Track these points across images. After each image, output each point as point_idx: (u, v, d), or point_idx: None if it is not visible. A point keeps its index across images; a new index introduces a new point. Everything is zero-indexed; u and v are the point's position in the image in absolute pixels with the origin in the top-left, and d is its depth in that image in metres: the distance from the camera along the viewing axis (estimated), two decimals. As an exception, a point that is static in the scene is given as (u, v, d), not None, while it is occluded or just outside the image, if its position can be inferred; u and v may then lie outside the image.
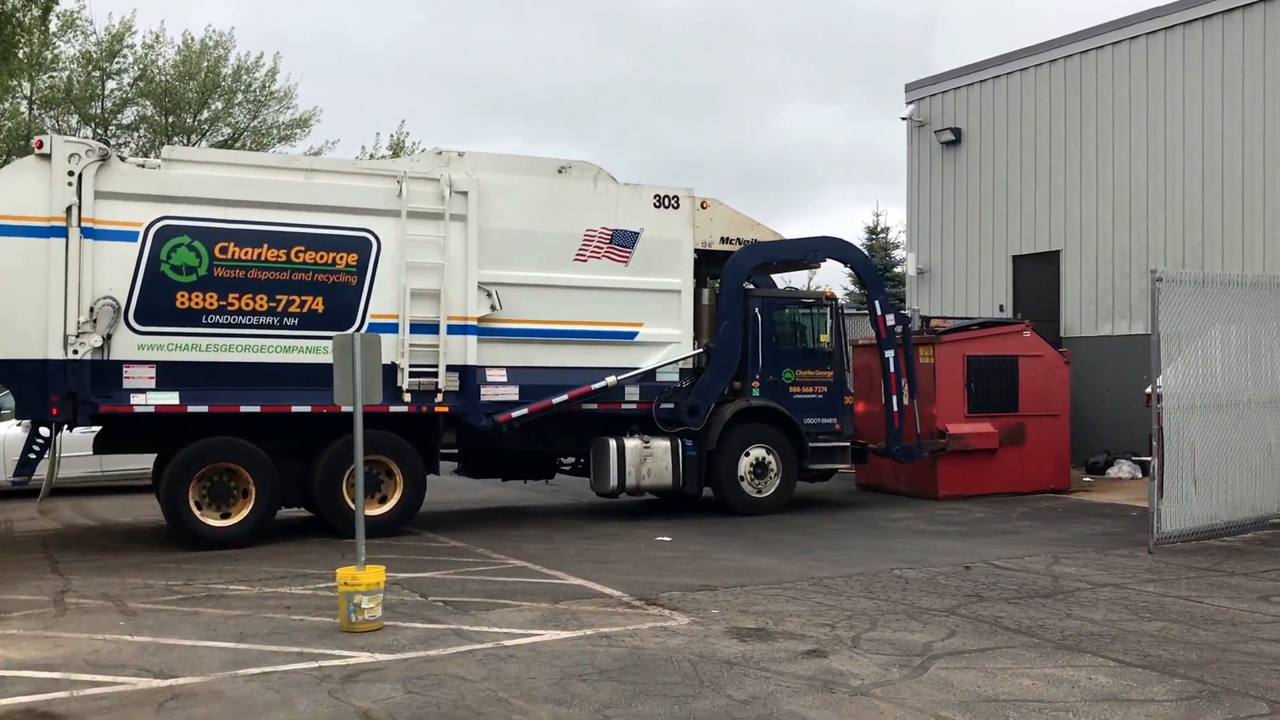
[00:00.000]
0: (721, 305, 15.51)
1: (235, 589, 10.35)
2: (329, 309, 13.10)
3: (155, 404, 12.37)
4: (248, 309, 12.75)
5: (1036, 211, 22.88)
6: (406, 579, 10.61)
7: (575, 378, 14.38)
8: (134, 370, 12.30)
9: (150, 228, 12.40)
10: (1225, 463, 13.10)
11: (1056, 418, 18.08)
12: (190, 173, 12.76)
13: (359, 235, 13.30)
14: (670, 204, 15.05)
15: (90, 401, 12.09)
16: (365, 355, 9.10)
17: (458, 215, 13.73)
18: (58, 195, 11.94)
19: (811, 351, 16.04)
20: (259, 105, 42.33)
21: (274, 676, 7.37)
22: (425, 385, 13.48)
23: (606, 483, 14.79)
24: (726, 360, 15.33)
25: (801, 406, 15.83)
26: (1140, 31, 20.97)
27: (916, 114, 25.59)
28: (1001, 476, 17.70)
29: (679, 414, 14.97)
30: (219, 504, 12.82)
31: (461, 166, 13.95)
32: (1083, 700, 6.92)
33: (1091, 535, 13.84)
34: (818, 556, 12.22)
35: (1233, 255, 19.21)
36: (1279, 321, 13.80)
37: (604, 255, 14.63)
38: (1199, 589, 10.45)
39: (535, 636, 8.45)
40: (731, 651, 8.02)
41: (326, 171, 13.58)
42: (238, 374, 12.65)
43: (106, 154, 12.29)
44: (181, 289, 12.49)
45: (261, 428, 12.94)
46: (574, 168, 14.70)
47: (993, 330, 18.53)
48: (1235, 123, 19.44)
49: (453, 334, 13.62)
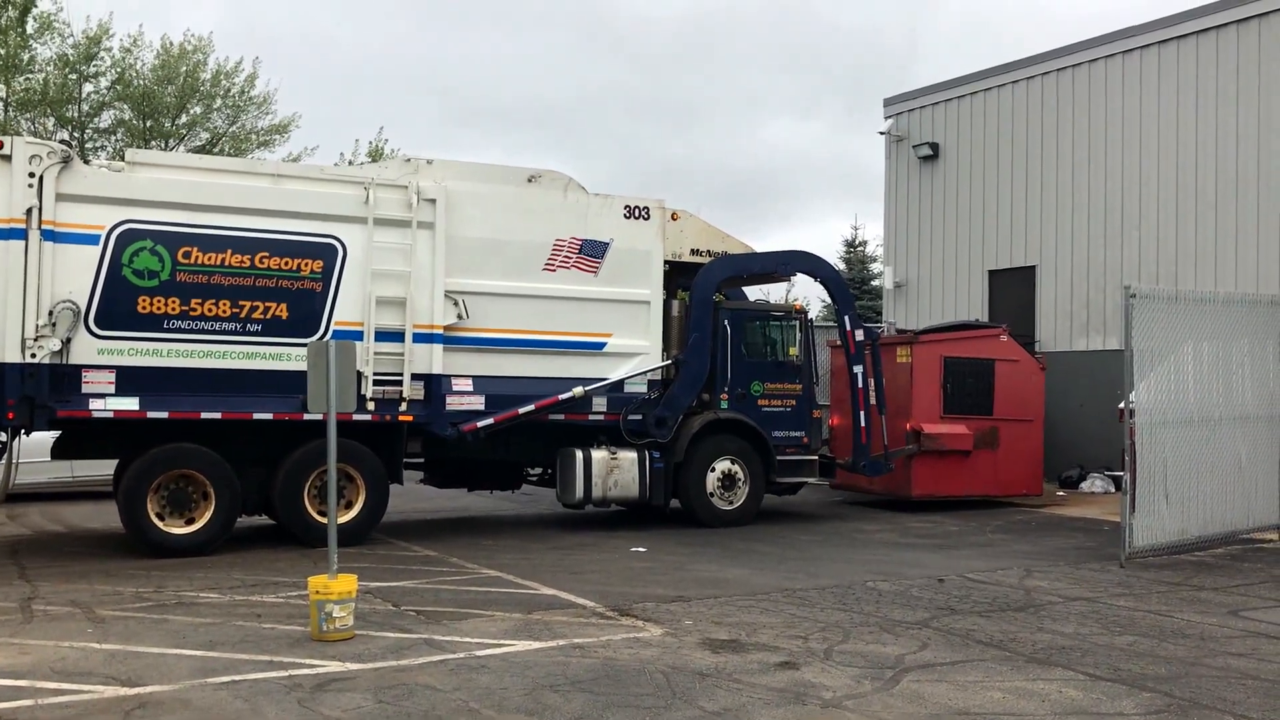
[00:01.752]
0: (691, 317, 15.44)
1: (206, 597, 10.27)
2: (293, 315, 12.94)
3: (114, 409, 12.17)
4: (210, 314, 12.60)
5: (1013, 227, 23.04)
6: (379, 588, 10.56)
7: (543, 388, 14.28)
8: (93, 375, 12.11)
9: (112, 231, 12.24)
10: (1197, 478, 13.21)
11: (1031, 423, 18.17)
12: (154, 176, 12.63)
13: (325, 241, 13.17)
14: (641, 215, 15.01)
15: (48, 406, 11.88)
16: (339, 362, 9.06)
17: (425, 223, 13.62)
18: (18, 197, 11.75)
19: (780, 365, 16.07)
20: (238, 110, 42.14)
21: (243, 685, 7.31)
22: (390, 394, 13.34)
23: (573, 494, 14.70)
24: (695, 372, 15.31)
25: (769, 419, 15.83)
26: (1116, 50, 21.17)
27: (895, 128, 25.74)
28: (975, 479, 17.76)
29: (647, 425, 14.93)
30: (178, 511, 12.66)
31: (430, 174, 13.86)
32: (1052, 713, 6.94)
33: (1064, 549, 13.91)
34: (791, 568, 12.24)
35: (1205, 272, 19.40)
36: (1250, 338, 13.93)
37: (573, 265, 14.56)
38: (1169, 603, 10.52)
39: (507, 647, 8.42)
40: (704, 663, 8.01)
41: (293, 177, 13.50)
42: (199, 380, 12.50)
43: (69, 156, 12.14)
44: (143, 293, 12.35)
45: (223, 434, 12.79)
46: (544, 177, 14.62)
47: (970, 333, 18.63)
48: (1209, 141, 19.65)
49: (418, 342, 13.50)
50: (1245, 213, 19.07)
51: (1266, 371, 14.09)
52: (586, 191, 14.84)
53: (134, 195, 12.40)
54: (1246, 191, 19.08)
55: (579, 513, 17.01)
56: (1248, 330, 13.93)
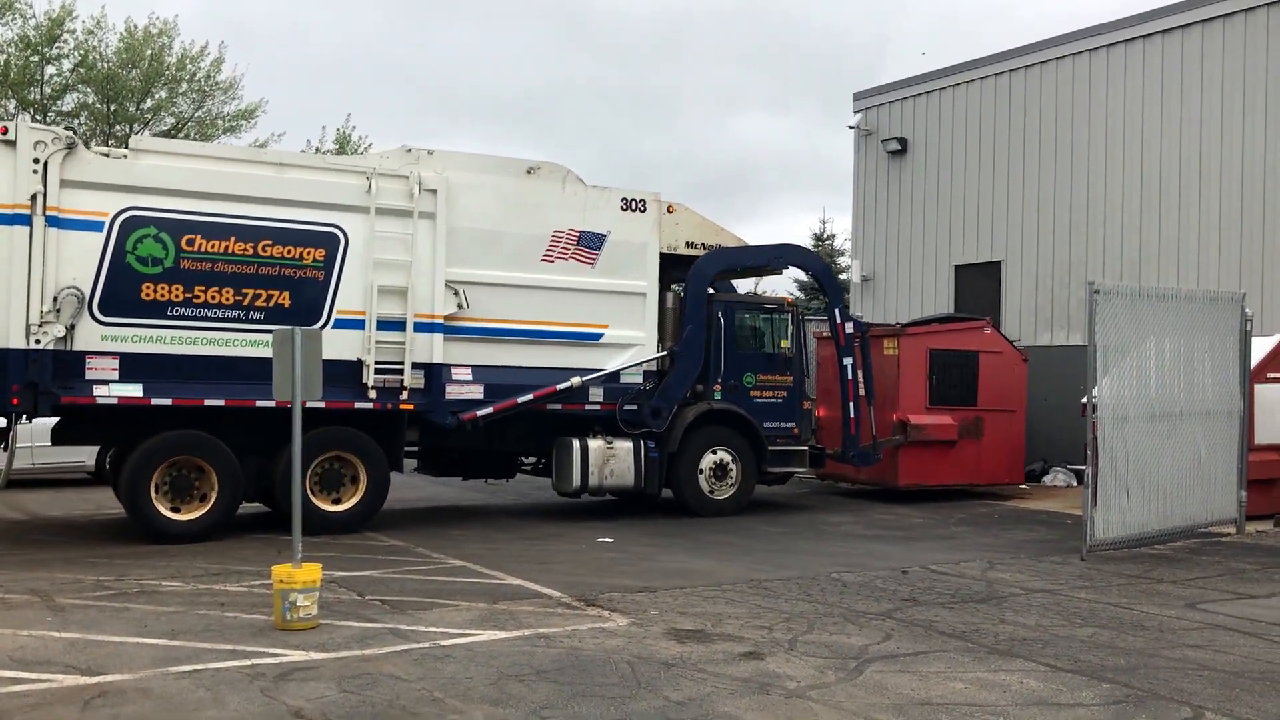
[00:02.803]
0: (686, 309, 15.64)
1: (168, 585, 10.18)
2: (295, 304, 13.02)
3: (118, 396, 12.22)
4: (213, 302, 12.65)
5: (979, 222, 23.20)
6: (344, 577, 10.51)
7: (540, 378, 14.44)
8: (97, 361, 12.16)
9: (116, 218, 12.27)
10: (1157, 473, 13.35)
11: (1013, 413, 18.44)
12: (158, 163, 12.64)
13: (327, 230, 13.25)
14: (637, 207, 15.18)
15: (52, 392, 11.93)
16: (305, 350, 9.00)
17: (426, 213, 13.72)
18: (22, 182, 11.77)
19: (772, 357, 16.28)
20: (204, 95, 41.71)
21: (205, 674, 7.26)
22: (390, 383, 13.45)
23: (570, 483, 14.82)
24: (690, 364, 15.50)
25: (761, 410, 16.05)
26: (1083, 48, 21.35)
27: (864, 123, 25.84)
28: (960, 469, 18.09)
29: (642, 416, 15.10)
30: (180, 497, 12.71)
31: (431, 164, 13.95)
32: (1013, 704, 7.01)
33: (1026, 542, 14.05)
34: (758, 559, 12.29)
35: (1169, 268, 19.62)
36: (1211, 334, 14.09)
37: (571, 257, 14.72)
38: (1129, 595, 10.64)
39: (473, 636, 8.40)
40: (669, 653, 8.04)
41: (296, 166, 13.56)
42: (202, 367, 12.54)
43: (73, 142, 12.14)
44: (147, 280, 12.38)
45: (223, 422, 12.81)
46: (543, 169, 14.74)
47: (955, 325, 18.94)
48: (1172, 139, 19.85)
49: (419, 332, 13.61)
50: (1208, 210, 19.30)
51: (1226, 367, 14.26)
52: (584, 184, 14.96)
53: (137, 182, 12.41)
54: (1209, 189, 19.30)
55: (546, 502, 17.06)
56: (1208, 326, 14.09)
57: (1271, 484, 15.70)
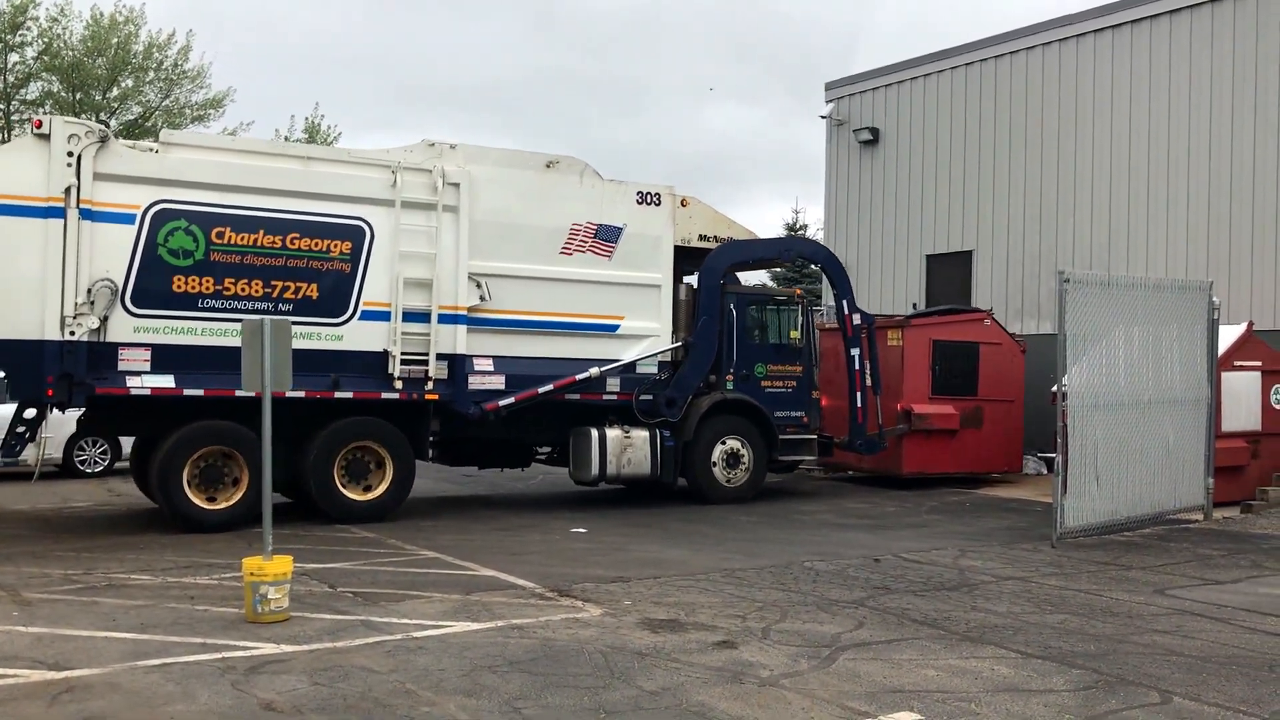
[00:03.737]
0: (699, 301, 15.95)
1: (137, 578, 10.09)
2: (323, 296, 13.23)
3: (151, 387, 12.35)
4: (243, 294, 12.85)
5: (950, 212, 23.30)
6: (315, 569, 10.44)
7: (558, 368, 14.70)
8: (129, 353, 12.31)
9: (148, 211, 12.42)
10: (1126, 460, 13.47)
11: (1012, 403, 18.65)
12: (188, 157, 12.79)
13: (353, 223, 13.46)
14: (652, 201, 15.46)
15: (86, 383, 12.06)
16: (275, 341, 8.92)
17: (450, 206, 13.93)
18: (56, 176, 11.92)
19: (782, 347, 16.63)
20: (171, 84, 41.29)
21: (175, 668, 7.19)
22: (415, 373, 13.69)
23: (588, 471, 15.10)
24: (704, 354, 15.83)
25: (772, 400, 16.39)
26: (1053, 38, 21.45)
27: (836, 113, 25.87)
28: (961, 457, 18.42)
29: (658, 405, 15.38)
30: (211, 487, 12.86)
31: (453, 158, 14.21)
32: (985, 691, 7.06)
33: (997, 530, 14.14)
34: (730, 549, 12.31)
35: (1137, 258, 19.77)
36: (1179, 323, 14.21)
37: (588, 249, 14.98)
38: (1098, 582, 10.73)
39: (445, 628, 8.37)
40: (643, 643, 8.03)
41: (322, 160, 13.73)
42: (233, 358, 12.51)
43: (106, 135, 12.32)
44: (178, 273, 12.54)
45: (250, 412, 12.75)
46: (561, 162, 15.02)
47: (957, 317, 19.26)
48: (1142, 130, 20.00)
49: (443, 323, 13.85)
50: (1176, 200, 19.46)
51: (1194, 356, 14.39)
52: (601, 177, 15.23)
53: (168, 175, 12.56)
54: (1177, 179, 19.46)
55: (518, 494, 17.08)
56: (1177, 315, 14.21)
57: (1238, 471, 15.88)
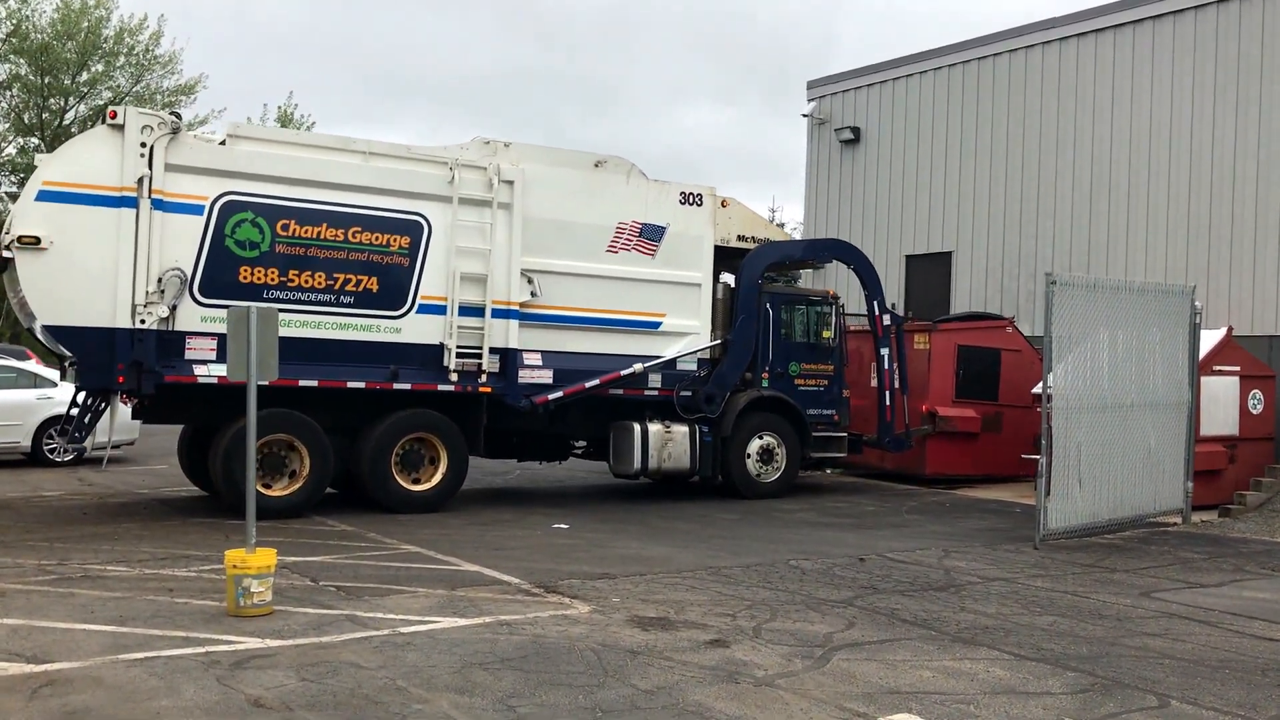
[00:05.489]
0: (738, 300, 16.26)
1: (113, 570, 9.87)
2: (383, 289, 13.48)
3: (218, 375, 12.42)
4: (306, 285, 13.08)
5: (930, 212, 23.32)
6: (295, 563, 10.26)
7: (603, 364, 14.99)
8: (196, 342, 12.52)
9: (216, 202, 12.62)
10: (1109, 463, 13.49)
11: (1030, 409, 18.63)
12: (254, 150, 12.96)
13: (412, 219, 13.71)
14: (694, 201, 15.77)
15: (156, 371, 12.21)
16: (261, 329, 8.74)
17: (504, 203, 14.19)
18: (129, 166, 12.12)
19: (815, 346, 16.95)
20: (142, 69, 40.82)
21: (158, 662, 7.01)
22: (469, 366, 13.96)
23: (630, 465, 15.34)
24: (742, 352, 16.15)
25: (805, 398, 16.72)
26: (1035, 41, 21.50)
27: (817, 112, 25.84)
28: (981, 460, 18.71)
29: (697, 401, 15.64)
30: (272, 475, 13.03)
31: (507, 156, 14.39)
32: (982, 693, 7.00)
33: (979, 530, 14.13)
34: (715, 546, 12.22)
35: (1116, 261, 19.84)
36: (1161, 327, 14.25)
37: (633, 248, 15.30)
38: (1084, 584, 10.72)
39: (433, 624, 8.23)
40: (634, 640, 7.92)
41: (382, 155, 13.79)
42: (296, 349, 12.77)
43: (178, 127, 12.50)
44: (244, 264, 12.76)
45: (308, 402, 13.15)
46: (609, 162, 15.26)
47: (981, 324, 19.56)
48: (1123, 133, 20.07)
49: (496, 318, 14.12)
50: (1155, 205, 19.55)
51: (1176, 359, 14.45)
52: (646, 177, 15.52)
53: (235, 168, 12.75)
54: (1157, 184, 19.55)
55: (497, 488, 16.96)
56: (1160, 319, 14.25)
57: (1215, 475, 15.96)
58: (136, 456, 19.45)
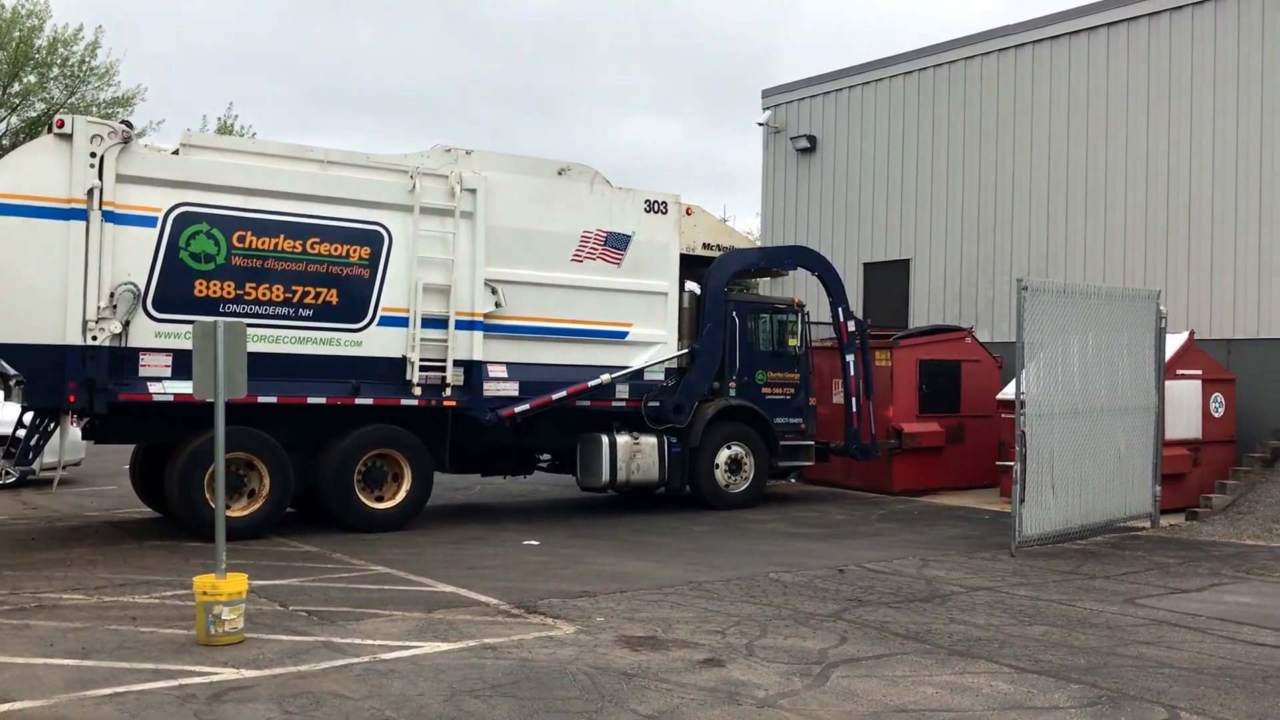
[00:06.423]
0: (705, 308, 16.09)
1: (70, 598, 9.40)
2: (343, 301, 13.15)
3: (174, 393, 12.09)
4: (264, 299, 12.71)
5: (888, 220, 23.29)
6: (261, 586, 9.85)
7: (569, 375, 14.71)
8: (150, 358, 12.11)
9: (169, 214, 12.22)
10: (1080, 468, 13.45)
11: (990, 418, 18.64)
12: (209, 159, 12.63)
13: (372, 229, 13.37)
14: (659, 209, 15.59)
15: (108, 389, 11.80)
16: (228, 344, 8.36)
17: (466, 212, 13.89)
18: (78, 177, 11.70)
19: (781, 355, 16.88)
20: (77, 81, 39.85)
21: (129, 697, 6.61)
22: (433, 379, 13.62)
23: (598, 477, 15.12)
24: (710, 361, 15.96)
25: (772, 407, 16.60)
26: (991, 49, 21.57)
27: (773, 120, 25.75)
28: (946, 473, 18.71)
29: (666, 411, 15.43)
30: (230, 494, 12.56)
31: (469, 164, 14.09)
32: (990, 709, 6.82)
33: (952, 538, 14.03)
34: (691, 560, 11.98)
35: (1075, 268, 19.91)
36: (1129, 332, 14.26)
37: (599, 257, 15.05)
38: (1067, 592, 10.63)
39: (414, 649, 7.89)
40: (626, 662, 7.65)
41: (341, 164, 13.44)
42: (254, 364, 12.31)
43: (129, 136, 12.05)
44: (200, 277, 12.38)
45: (269, 419, 12.73)
46: (573, 170, 15.01)
47: (940, 336, 19.47)
48: (1079, 139, 20.17)
49: (460, 329, 13.81)
50: (1114, 210, 19.64)
51: (1144, 364, 14.46)
52: (610, 185, 15.29)
53: (189, 178, 12.38)
54: (1115, 189, 19.65)
55: (459, 504, 16.64)
56: (1128, 324, 14.26)
57: (1180, 478, 16.03)
58: (83, 477, 18.80)
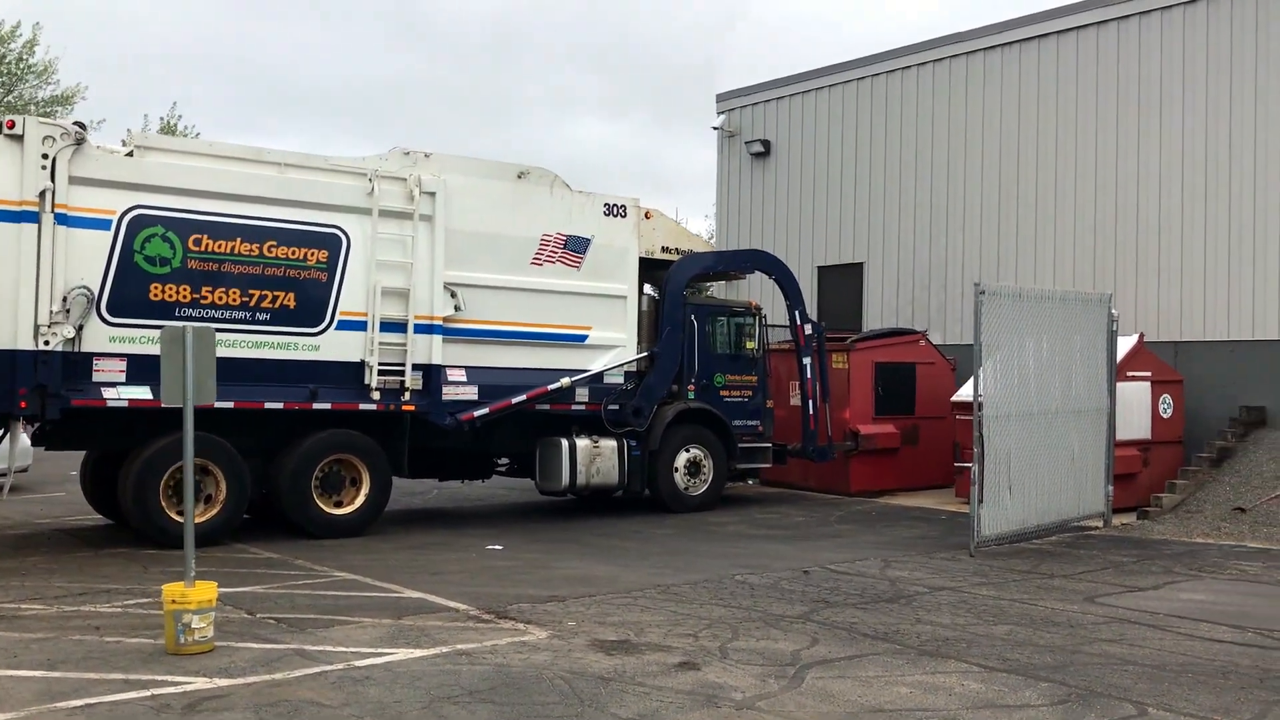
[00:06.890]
0: (664, 311, 16.15)
1: (29, 608, 9.23)
2: (300, 305, 13.01)
3: (129, 398, 11.94)
4: (221, 303, 12.56)
5: (842, 224, 23.50)
6: (227, 594, 9.68)
7: (529, 378, 14.69)
8: (105, 363, 11.91)
9: (123, 216, 12.05)
10: (1036, 469, 13.68)
11: (944, 419, 18.85)
12: (164, 161, 12.46)
13: (330, 232, 13.27)
14: (618, 213, 15.63)
15: (61, 395, 11.60)
16: (198, 349, 8.26)
17: (425, 215, 13.83)
18: (30, 179, 11.48)
19: (738, 358, 16.98)
20: (15, 79, 39.07)
21: (101, 709, 6.52)
22: (391, 384, 13.53)
23: (557, 482, 15.11)
24: (669, 364, 16.02)
25: (730, 409, 16.70)
26: (944, 55, 21.83)
27: (727, 124, 25.87)
28: (902, 473, 18.92)
29: (625, 415, 15.44)
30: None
31: (428, 167, 14.05)
32: (964, 708, 6.92)
33: (911, 539, 14.20)
34: (657, 563, 12.02)
35: (1025, 272, 20.22)
36: (1082, 334, 14.53)
37: (558, 260, 15.04)
38: (1028, 591, 10.80)
39: (388, 656, 7.85)
40: (602, 666, 7.67)
41: (298, 166, 13.30)
42: None
43: (82, 138, 11.80)
44: (155, 280, 12.20)
45: (225, 424, 12.50)
46: (532, 173, 15.03)
47: (895, 339, 19.68)
48: (1030, 143, 20.48)
49: (419, 333, 13.73)
50: (1063, 215, 19.98)
51: (1096, 366, 14.74)
52: (570, 188, 15.31)
53: (144, 180, 12.20)
54: (1064, 194, 19.99)
55: (419, 509, 16.57)
56: (1081, 327, 14.52)
57: (1130, 478, 16.34)
58: (31, 484, 18.43)
